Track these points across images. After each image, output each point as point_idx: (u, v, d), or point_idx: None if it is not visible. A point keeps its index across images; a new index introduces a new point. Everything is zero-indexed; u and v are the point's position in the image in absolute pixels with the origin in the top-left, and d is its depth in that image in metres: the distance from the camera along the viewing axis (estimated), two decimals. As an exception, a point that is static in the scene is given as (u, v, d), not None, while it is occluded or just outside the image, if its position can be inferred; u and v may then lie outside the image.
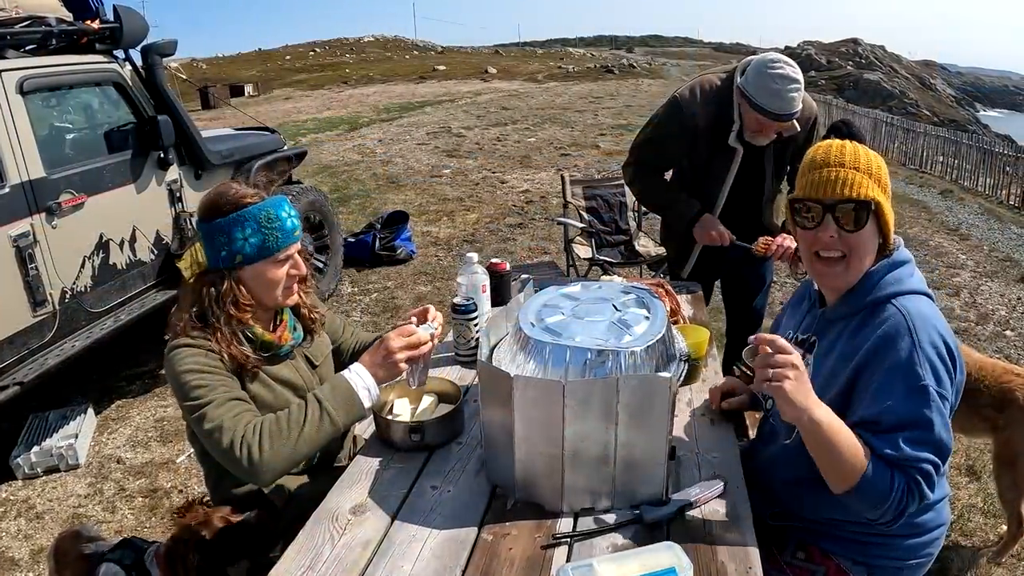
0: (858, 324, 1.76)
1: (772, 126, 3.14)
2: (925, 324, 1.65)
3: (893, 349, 1.63)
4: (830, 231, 1.73)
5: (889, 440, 1.57)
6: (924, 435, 1.58)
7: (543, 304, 1.93)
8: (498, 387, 1.67)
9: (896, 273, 1.76)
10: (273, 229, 1.96)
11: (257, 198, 1.97)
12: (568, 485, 1.69)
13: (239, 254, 1.95)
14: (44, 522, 3.79)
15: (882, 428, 1.59)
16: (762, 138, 3.23)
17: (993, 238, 8.85)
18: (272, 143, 6.46)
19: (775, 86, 3.00)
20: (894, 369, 1.62)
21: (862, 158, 1.73)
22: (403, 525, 1.69)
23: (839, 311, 1.82)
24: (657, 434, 1.66)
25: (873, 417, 1.61)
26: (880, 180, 1.73)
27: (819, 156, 1.76)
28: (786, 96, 3.00)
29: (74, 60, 4.49)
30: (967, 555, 3.24)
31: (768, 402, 2.01)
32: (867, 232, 1.73)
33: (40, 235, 4.03)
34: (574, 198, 5.88)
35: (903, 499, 1.57)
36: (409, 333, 1.98)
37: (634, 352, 1.67)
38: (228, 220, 1.94)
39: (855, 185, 1.69)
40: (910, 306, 1.69)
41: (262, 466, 1.78)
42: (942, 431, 1.59)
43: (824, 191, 1.71)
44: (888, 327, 1.67)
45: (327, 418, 1.87)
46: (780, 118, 3.06)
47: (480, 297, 2.58)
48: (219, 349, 1.93)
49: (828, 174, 1.71)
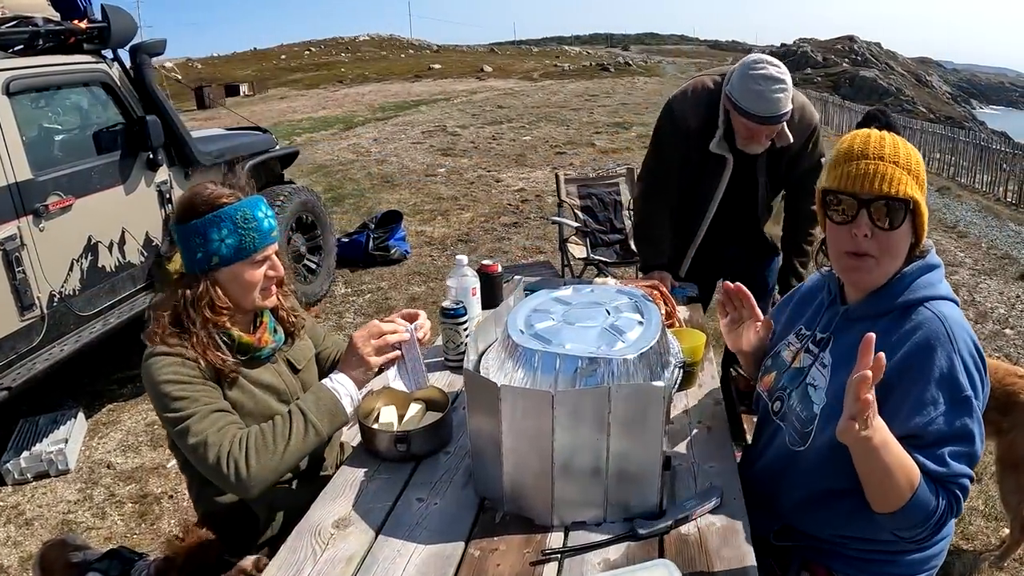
0: (887, 326, 1.65)
1: (762, 131, 2.99)
2: (962, 331, 1.59)
3: (934, 357, 1.55)
4: (864, 228, 1.61)
5: (934, 456, 1.51)
6: (967, 448, 1.52)
7: (533, 309, 1.87)
8: (485, 397, 1.61)
9: (929, 276, 1.68)
10: (250, 230, 1.91)
11: (233, 198, 1.92)
12: (559, 498, 1.63)
13: (215, 255, 1.91)
14: (33, 528, 3.75)
15: (926, 442, 1.52)
16: (755, 146, 3.10)
17: (991, 235, 8.82)
18: (263, 143, 6.41)
19: (758, 87, 2.86)
20: (937, 380, 1.54)
21: (902, 152, 1.61)
22: (387, 540, 1.63)
23: (864, 309, 1.73)
24: (651, 445, 1.60)
25: (917, 430, 1.53)
26: (919, 177, 1.62)
27: (857, 146, 1.63)
28: (770, 97, 2.86)
29: (62, 60, 4.43)
30: (969, 559, 3.19)
31: (775, 404, 1.89)
32: (902, 231, 1.63)
33: (27, 238, 3.98)
34: (569, 197, 5.82)
35: (943, 516, 1.51)
36: (374, 327, 2.00)
37: (627, 360, 1.61)
38: (204, 221, 1.89)
39: (894, 181, 1.58)
40: (945, 311, 1.62)
41: (250, 481, 1.78)
42: (979, 441, 1.54)
43: (861, 185, 1.59)
44: (925, 332, 1.59)
45: (312, 429, 1.87)
46: (766, 121, 2.92)
47: (470, 300, 2.53)
48: (196, 355, 1.88)
49: (867, 167, 1.59)
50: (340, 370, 1.98)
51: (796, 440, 1.77)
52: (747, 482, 1.84)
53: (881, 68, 63.72)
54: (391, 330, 2.01)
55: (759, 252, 3.54)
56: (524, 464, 1.63)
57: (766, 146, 3.11)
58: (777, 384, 1.90)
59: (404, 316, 2.10)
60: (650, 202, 3.50)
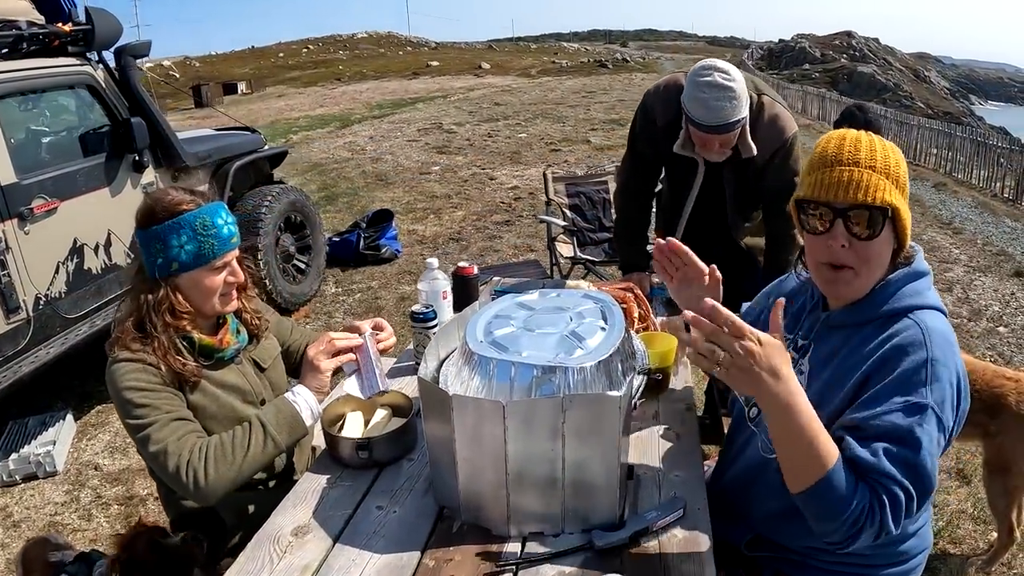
0: (867, 335, 1.59)
1: (711, 139, 2.88)
2: (943, 344, 1.51)
3: (903, 360, 1.49)
4: (840, 239, 1.53)
5: (867, 446, 1.42)
6: (907, 454, 1.41)
7: (495, 315, 1.85)
8: (438, 405, 1.61)
9: (916, 285, 1.61)
10: (209, 236, 1.92)
11: (193, 205, 1.92)
12: (515, 508, 1.62)
13: (175, 261, 1.92)
14: (21, 531, 3.76)
15: (865, 434, 1.44)
16: (711, 154, 2.99)
17: (987, 232, 8.78)
18: (252, 143, 6.39)
19: (703, 95, 2.76)
20: (898, 379, 1.47)
21: (879, 155, 1.53)
22: (344, 548, 1.63)
23: (846, 317, 1.66)
24: (608, 455, 1.59)
25: (859, 421, 1.47)
26: (899, 180, 1.54)
27: (831, 151, 1.55)
28: (713, 106, 2.75)
29: (46, 63, 4.42)
30: (956, 563, 3.16)
31: (752, 410, 1.82)
32: (882, 240, 1.55)
33: (12, 241, 3.98)
34: (557, 195, 5.82)
35: (861, 517, 1.40)
36: (326, 336, 2.03)
37: (583, 368, 1.58)
38: (163, 227, 1.90)
39: (871, 188, 1.49)
40: (929, 322, 1.54)
41: (207, 489, 1.80)
42: (927, 457, 1.42)
43: (835, 193, 1.51)
44: (903, 339, 1.52)
45: (271, 442, 1.90)
46: (711, 130, 2.82)
47: (440, 304, 2.52)
48: (157, 360, 1.89)
49: (840, 174, 1.51)
50: (300, 382, 2.02)
51: (768, 447, 1.69)
52: (719, 490, 1.81)
53: (879, 64, 63.54)
54: (342, 338, 2.04)
55: (738, 262, 3.37)
56: (479, 474, 1.62)
57: (724, 155, 3.00)
58: None
59: (373, 326, 2.12)
60: (626, 198, 3.48)
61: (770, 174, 3.06)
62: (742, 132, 2.92)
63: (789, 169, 3.05)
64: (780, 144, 3.04)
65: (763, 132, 2.99)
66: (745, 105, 2.84)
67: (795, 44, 66.50)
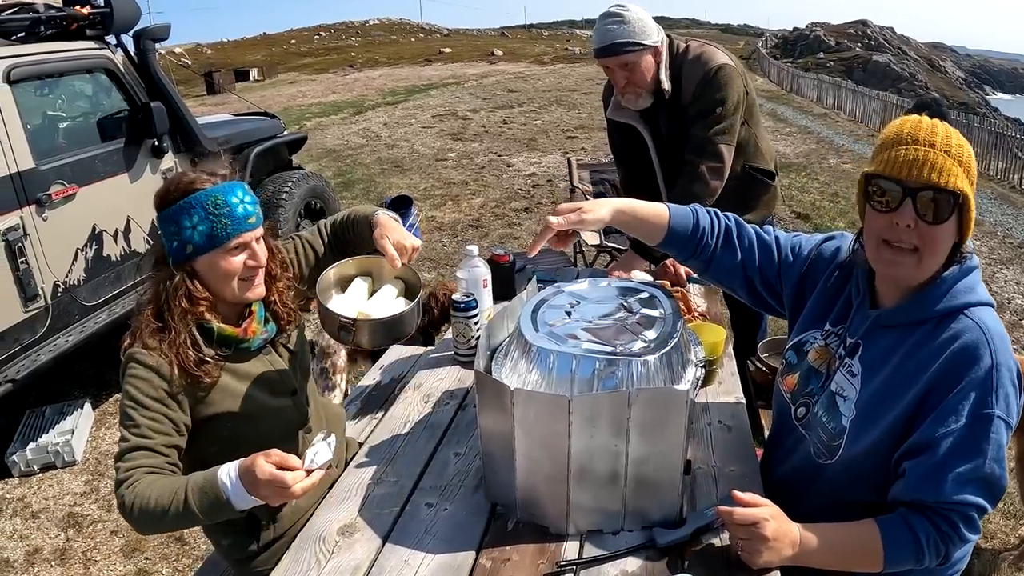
0: (923, 337, 1.55)
1: (612, 70, 2.97)
2: (1001, 344, 1.49)
3: (969, 370, 1.46)
4: (907, 218, 1.48)
5: (934, 481, 1.44)
6: (979, 469, 1.43)
7: (547, 304, 1.77)
8: (496, 399, 1.53)
9: (968, 280, 1.56)
10: (221, 216, 1.80)
11: (209, 183, 1.82)
12: (574, 505, 1.55)
13: (189, 243, 1.81)
14: (40, 521, 3.73)
15: (936, 454, 1.44)
16: (626, 95, 3.04)
17: (1007, 223, 8.66)
18: (271, 128, 6.36)
19: (596, 27, 2.93)
20: (965, 391, 1.45)
21: (954, 142, 1.49)
22: (395, 548, 1.56)
23: (899, 317, 1.60)
24: (672, 451, 1.52)
25: (927, 440, 1.46)
26: (970, 171, 1.50)
27: (906, 131, 1.51)
28: (602, 29, 2.88)
29: (64, 47, 4.37)
30: (987, 559, 3.12)
31: (799, 409, 1.77)
32: (947, 227, 1.50)
33: (30, 228, 3.94)
34: (581, 182, 5.75)
35: (940, 546, 1.46)
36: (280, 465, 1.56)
37: (647, 360, 1.51)
38: (176, 208, 1.80)
39: (944, 171, 1.45)
40: (987, 320, 1.51)
41: (132, 523, 1.70)
42: (996, 465, 1.44)
43: (908, 171, 1.47)
44: (966, 342, 1.49)
45: (191, 517, 1.63)
46: (601, 53, 2.92)
47: (481, 293, 2.44)
48: (170, 362, 1.77)
49: (915, 153, 1.47)
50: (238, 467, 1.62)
51: (822, 453, 1.67)
52: (765, 489, 1.74)
53: (894, 53, 63.03)
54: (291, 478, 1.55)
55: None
56: (538, 470, 1.55)
57: (638, 94, 3.02)
58: (803, 388, 1.78)
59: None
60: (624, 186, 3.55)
61: (692, 105, 3.03)
62: (657, 69, 2.97)
63: (710, 98, 2.98)
64: (703, 74, 2.98)
65: (688, 69, 3.01)
66: (641, 33, 2.88)
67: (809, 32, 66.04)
